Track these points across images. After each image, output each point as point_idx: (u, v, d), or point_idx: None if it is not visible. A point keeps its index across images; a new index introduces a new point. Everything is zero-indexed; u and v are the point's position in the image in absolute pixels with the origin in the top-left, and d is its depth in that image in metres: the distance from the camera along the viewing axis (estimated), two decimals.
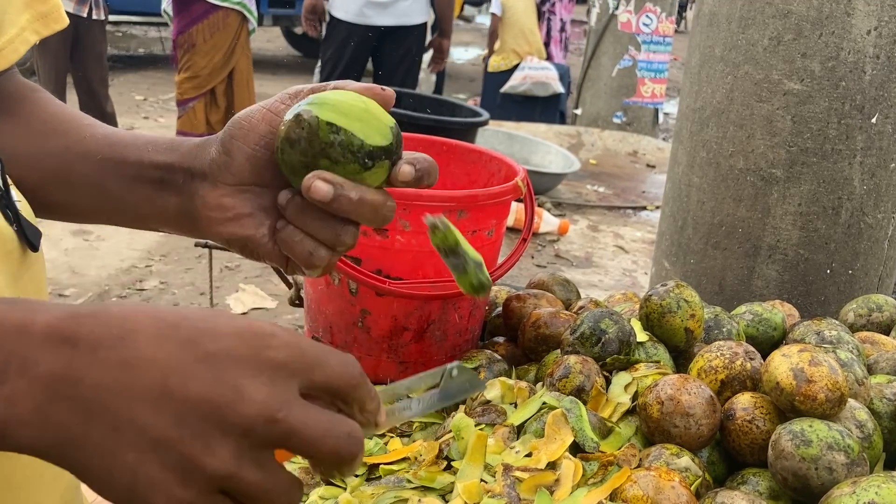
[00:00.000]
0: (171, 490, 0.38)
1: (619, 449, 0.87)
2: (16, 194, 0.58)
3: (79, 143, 0.66)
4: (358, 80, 4.31)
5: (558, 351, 1.08)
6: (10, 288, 0.54)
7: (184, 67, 4.20)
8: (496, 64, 6.20)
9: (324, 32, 4.20)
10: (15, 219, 0.56)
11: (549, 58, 6.35)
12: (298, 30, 8.85)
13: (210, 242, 1.79)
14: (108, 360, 0.39)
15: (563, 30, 6.73)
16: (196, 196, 0.60)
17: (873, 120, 1.40)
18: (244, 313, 3.26)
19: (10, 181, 0.57)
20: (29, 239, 0.56)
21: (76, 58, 4.34)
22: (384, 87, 0.58)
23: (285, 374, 0.41)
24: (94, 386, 0.38)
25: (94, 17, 4.33)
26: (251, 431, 0.40)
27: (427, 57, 4.48)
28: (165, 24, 8.02)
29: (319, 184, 0.51)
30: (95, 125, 0.69)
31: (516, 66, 6.05)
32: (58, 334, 0.39)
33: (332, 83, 0.58)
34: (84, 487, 0.67)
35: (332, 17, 4.05)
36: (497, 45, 6.21)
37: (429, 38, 4.28)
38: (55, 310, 0.40)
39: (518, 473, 0.81)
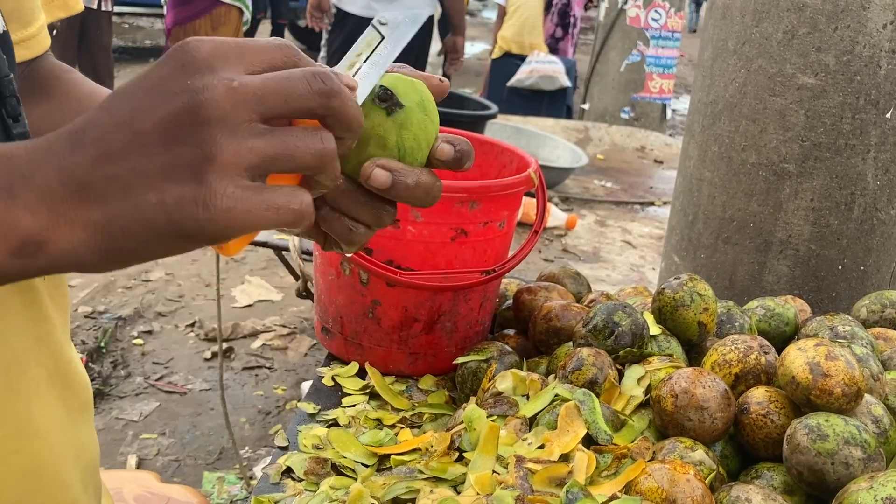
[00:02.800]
0: (198, 193, 0.41)
1: (633, 442, 0.87)
2: None
3: None
4: None
5: (570, 343, 1.07)
6: None
7: None
8: (496, 51, 6.18)
9: (328, 27, 4.18)
10: None
11: (559, 53, 6.32)
12: (302, 23, 8.86)
13: None
14: (84, 144, 0.42)
15: (574, 25, 6.70)
16: None
17: (888, 115, 1.39)
18: (250, 306, 3.27)
19: None
20: None
21: (83, 48, 4.34)
22: (442, 78, 0.58)
23: (220, 60, 0.42)
24: (84, 168, 0.41)
25: (103, 7, 4.33)
26: (225, 112, 0.41)
27: (437, 57, 4.41)
28: None
29: (379, 172, 0.51)
30: None
31: (513, 55, 5.98)
32: (37, 148, 0.42)
33: (397, 66, 0.57)
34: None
35: (339, 10, 4.03)
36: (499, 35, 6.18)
37: (435, 31, 4.24)
38: (29, 140, 0.44)
39: (531, 465, 0.80)
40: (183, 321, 3.13)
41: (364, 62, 0.52)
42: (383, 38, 0.54)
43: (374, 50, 0.53)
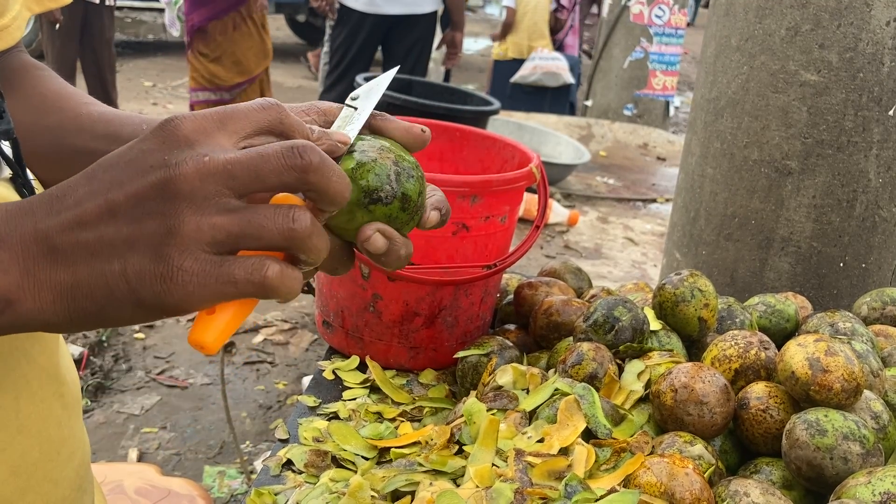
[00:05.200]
0: (156, 267, 0.42)
1: (632, 436, 0.87)
2: (30, 174, 0.58)
3: (74, 118, 0.67)
4: (366, 69, 4.26)
5: (571, 338, 1.08)
6: None
7: (219, 54, 4.13)
8: (499, 52, 6.17)
9: (331, 21, 4.18)
10: None
11: (563, 49, 6.31)
12: (301, 18, 8.85)
13: None
14: (60, 208, 0.43)
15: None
16: None
17: (891, 112, 1.38)
18: None
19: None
20: None
21: (85, 43, 4.34)
22: (424, 128, 0.58)
23: (201, 135, 0.43)
24: (57, 231, 0.43)
25: (106, 2, 4.32)
26: (193, 188, 0.42)
27: (438, 52, 4.41)
28: None
29: (378, 237, 0.51)
30: (94, 103, 0.69)
31: (520, 60, 6.00)
32: (17, 210, 0.44)
33: (381, 116, 0.57)
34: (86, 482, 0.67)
35: (342, 6, 4.03)
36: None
37: (437, 28, 4.24)
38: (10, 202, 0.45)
39: (530, 458, 0.80)
40: (185, 315, 3.14)
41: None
42: (356, 109, 0.56)
43: (351, 123, 0.55)
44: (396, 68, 0.65)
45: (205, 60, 4.10)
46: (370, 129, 0.56)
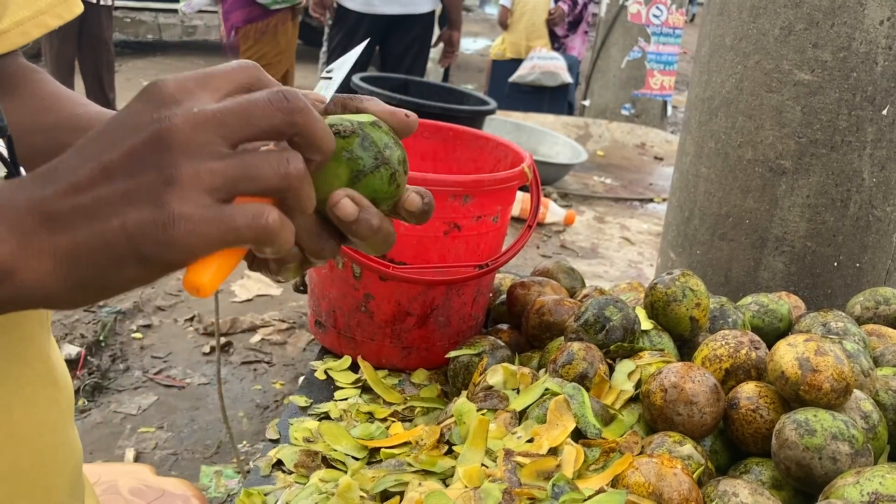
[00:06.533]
0: (157, 216, 0.41)
1: (622, 436, 0.87)
2: (25, 173, 0.58)
3: (70, 119, 0.67)
4: (364, 69, 4.26)
5: (562, 338, 1.07)
6: None
7: (257, 55, 4.19)
8: (497, 51, 6.17)
9: (329, 21, 4.19)
10: None
11: (567, 50, 6.31)
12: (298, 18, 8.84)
13: None
14: (54, 178, 0.43)
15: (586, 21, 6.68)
16: None
17: (884, 112, 1.38)
18: (249, 300, 3.27)
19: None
20: None
21: (83, 43, 4.34)
22: (408, 112, 0.57)
23: (184, 93, 0.44)
24: (52, 199, 0.42)
25: (102, 2, 4.32)
26: (186, 137, 0.42)
27: (437, 51, 4.43)
28: (174, 11, 8.01)
29: (347, 202, 0.50)
30: (90, 105, 0.69)
31: (518, 60, 6.00)
32: (10, 184, 0.44)
33: (364, 98, 0.57)
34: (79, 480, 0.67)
35: (339, 6, 4.04)
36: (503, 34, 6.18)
37: (436, 28, 4.25)
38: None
39: (519, 458, 0.80)
40: (182, 315, 3.14)
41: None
42: (332, 79, 0.57)
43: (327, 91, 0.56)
44: (366, 41, 0.64)
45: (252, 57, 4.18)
46: (353, 112, 0.56)
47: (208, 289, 0.45)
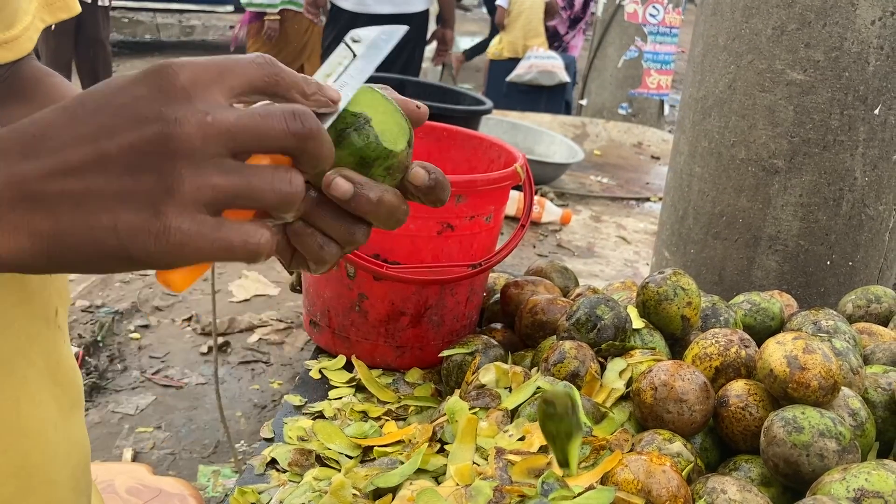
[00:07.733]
0: (152, 225, 0.40)
1: (612, 434, 0.88)
2: None
3: None
4: None
5: (554, 337, 1.08)
6: None
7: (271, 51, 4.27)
8: (494, 51, 6.18)
9: (323, 21, 4.20)
10: None
11: (569, 49, 6.31)
12: None
13: None
14: (40, 152, 0.41)
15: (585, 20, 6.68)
16: None
17: (876, 111, 1.39)
18: (247, 300, 3.27)
19: None
20: None
21: (80, 43, 4.34)
22: (419, 104, 0.56)
23: (198, 88, 0.42)
24: (36, 178, 0.40)
25: (99, 3, 4.33)
26: (194, 148, 0.41)
27: (431, 49, 4.45)
28: (172, 11, 8.02)
29: (340, 181, 0.49)
30: None
31: (515, 59, 6.01)
32: None
33: (378, 87, 0.55)
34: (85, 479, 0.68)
35: (333, 6, 4.04)
36: (500, 35, 6.19)
37: (431, 28, 4.26)
38: None
39: (510, 456, 0.81)
40: (180, 315, 3.14)
41: (334, 82, 0.50)
42: (355, 56, 0.52)
43: (345, 69, 0.51)
44: (405, 28, 0.56)
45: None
46: None
47: (181, 286, 0.45)
